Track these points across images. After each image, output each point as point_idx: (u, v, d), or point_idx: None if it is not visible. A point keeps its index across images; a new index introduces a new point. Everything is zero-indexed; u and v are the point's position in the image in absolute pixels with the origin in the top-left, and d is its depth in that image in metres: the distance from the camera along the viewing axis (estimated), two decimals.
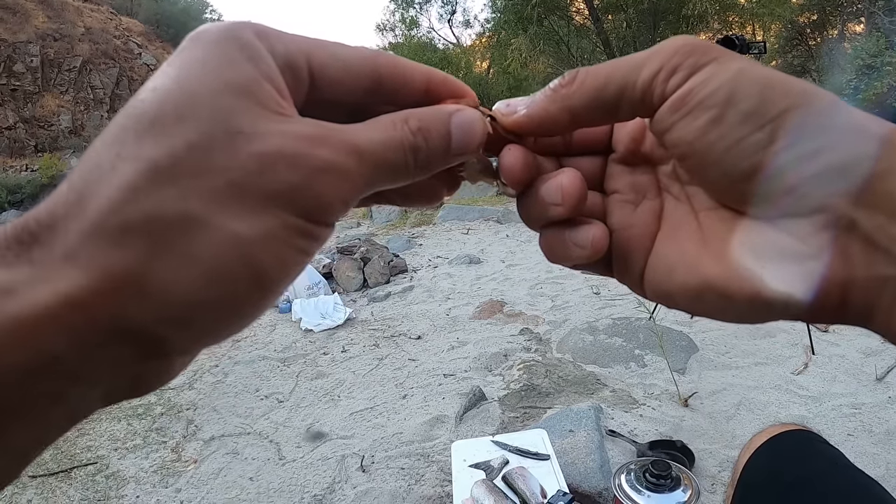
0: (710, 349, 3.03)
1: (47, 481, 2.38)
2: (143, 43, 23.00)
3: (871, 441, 2.15)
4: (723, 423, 2.34)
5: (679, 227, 0.29)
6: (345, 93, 0.26)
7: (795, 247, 0.24)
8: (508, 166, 0.29)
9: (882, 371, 2.62)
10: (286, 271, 0.22)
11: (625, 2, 14.70)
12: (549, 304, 4.08)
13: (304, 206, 0.22)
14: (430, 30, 21.77)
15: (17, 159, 17.94)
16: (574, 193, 0.28)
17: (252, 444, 2.56)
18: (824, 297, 0.24)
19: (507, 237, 6.80)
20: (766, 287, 0.24)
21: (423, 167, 0.26)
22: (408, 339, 3.67)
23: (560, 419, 2.25)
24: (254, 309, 0.22)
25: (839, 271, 0.23)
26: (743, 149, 0.24)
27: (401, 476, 2.17)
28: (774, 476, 0.88)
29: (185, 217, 0.19)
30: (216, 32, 0.23)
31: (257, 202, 0.21)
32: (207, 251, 0.20)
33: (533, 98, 0.29)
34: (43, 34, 19.35)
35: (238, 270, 0.20)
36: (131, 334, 0.19)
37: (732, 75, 0.24)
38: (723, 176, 0.25)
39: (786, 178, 0.23)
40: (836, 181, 0.23)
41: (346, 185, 0.23)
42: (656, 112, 0.26)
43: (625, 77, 0.26)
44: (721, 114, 0.24)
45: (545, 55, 15.71)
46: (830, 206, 0.23)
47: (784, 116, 0.23)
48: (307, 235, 0.22)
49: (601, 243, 0.29)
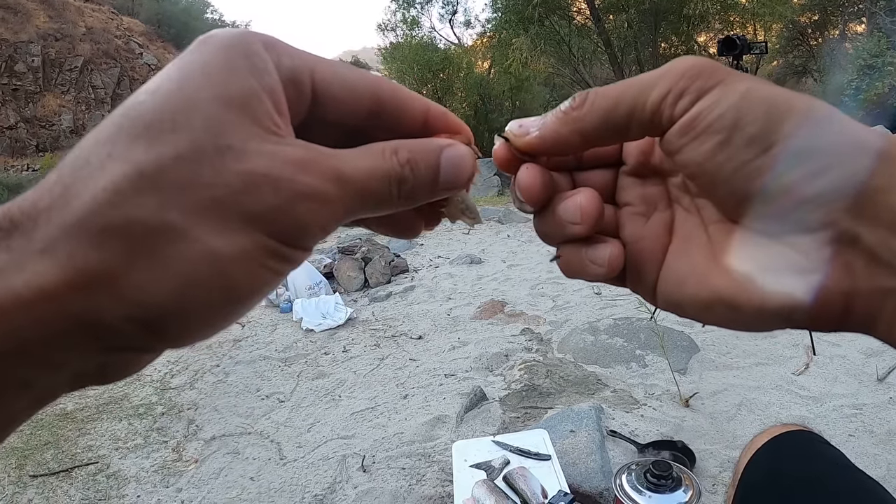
0: (712, 349, 3.03)
1: (48, 481, 2.38)
2: (144, 43, 23.00)
3: (872, 442, 2.15)
4: (724, 424, 2.34)
5: (689, 240, 0.30)
6: (345, 113, 0.26)
7: (800, 261, 0.25)
8: (526, 185, 0.30)
9: (883, 372, 2.62)
10: (257, 290, 0.23)
11: (626, 2, 14.71)
12: (551, 304, 4.08)
13: (281, 229, 0.22)
14: (432, 30, 21.75)
15: (19, 159, 17.95)
16: (592, 213, 0.29)
17: (253, 443, 2.56)
18: (828, 308, 0.25)
19: (508, 237, 6.80)
20: (771, 299, 0.25)
21: (407, 198, 0.27)
22: (409, 339, 3.67)
23: (561, 419, 2.25)
24: (221, 321, 0.23)
25: (842, 283, 0.24)
26: (749, 171, 0.25)
27: (402, 476, 2.17)
28: (775, 477, 0.88)
29: (165, 226, 0.20)
30: (225, 38, 0.23)
31: (237, 221, 0.21)
32: (183, 261, 0.20)
33: (545, 119, 0.30)
34: (44, 34, 19.35)
35: (210, 284, 0.21)
36: (101, 329, 0.20)
37: (738, 99, 0.25)
38: (731, 195, 0.26)
39: (789, 198, 0.24)
40: (837, 199, 0.23)
41: (326, 212, 0.23)
42: (665, 134, 0.27)
43: (634, 100, 0.27)
44: (728, 137, 0.25)
45: (546, 55, 15.73)
46: (832, 222, 0.24)
47: (786, 140, 0.24)
48: (281, 258, 0.23)
49: (617, 262, 0.30)
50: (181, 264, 0.20)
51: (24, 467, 2.48)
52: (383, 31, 21.24)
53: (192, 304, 0.21)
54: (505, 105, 18.90)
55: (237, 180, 0.21)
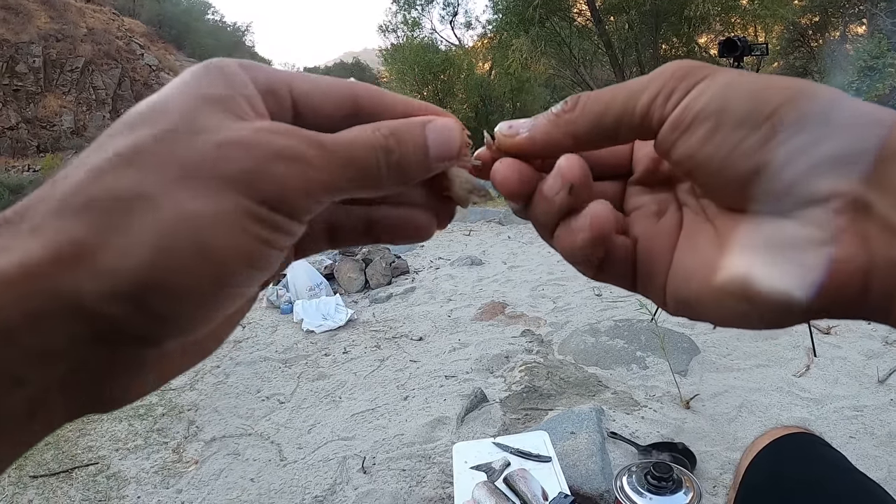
0: (712, 351, 3.03)
1: (48, 481, 2.39)
2: (145, 44, 23.05)
3: (872, 444, 2.15)
4: (724, 426, 2.33)
5: (697, 235, 0.29)
6: (326, 118, 0.27)
7: (813, 234, 0.24)
8: (501, 178, 0.30)
9: (884, 373, 2.62)
10: (241, 257, 0.22)
11: (627, 3, 14.71)
12: (551, 305, 4.08)
13: (261, 191, 0.22)
14: (433, 31, 21.78)
15: (20, 159, 17.99)
16: (574, 176, 0.28)
17: (253, 445, 2.56)
18: (846, 286, 0.23)
19: (508, 239, 6.80)
20: (786, 279, 0.24)
21: (397, 171, 0.27)
22: (409, 340, 3.67)
23: (561, 421, 2.25)
24: (211, 298, 0.22)
25: (859, 255, 0.23)
26: (743, 151, 0.24)
27: (402, 477, 2.17)
28: (776, 479, 0.88)
29: (141, 195, 0.20)
30: (206, 64, 0.25)
31: (212, 184, 0.21)
32: (157, 226, 0.20)
33: (535, 121, 0.30)
34: (45, 34, 19.40)
35: (185, 246, 0.20)
36: (84, 311, 0.19)
37: (722, 86, 0.25)
38: (729, 182, 0.26)
39: (790, 170, 0.24)
40: (844, 166, 0.23)
41: (307, 175, 0.23)
42: (657, 136, 0.27)
43: (624, 103, 0.27)
44: (717, 122, 0.25)
45: (547, 56, 15.72)
46: (841, 190, 0.23)
47: (779, 111, 0.24)
48: (266, 224, 0.22)
49: (600, 221, 0.28)
50: (156, 229, 0.20)
51: (24, 468, 2.48)
52: (384, 32, 21.27)
53: (171, 272, 0.20)
54: (506, 106, 18.94)
55: (210, 148, 0.22)
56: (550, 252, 0.32)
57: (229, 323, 0.28)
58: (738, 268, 0.25)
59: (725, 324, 0.27)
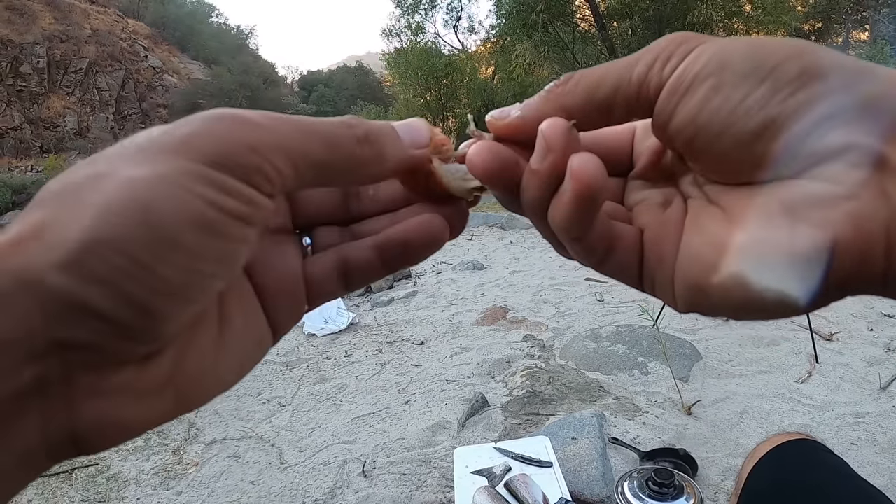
0: (714, 357, 3.02)
1: (48, 482, 2.38)
2: (149, 45, 23.13)
3: (874, 450, 2.14)
4: (726, 432, 2.33)
5: (703, 216, 0.28)
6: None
7: (831, 190, 0.22)
8: (479, 161, 0.29)
9: (886, 380, 2.61)
10: (187, 218, 0.21)
11: (630, 9, 14.75)
12: (553, 310, 4.08)
13: (202, 150, 0.22)
14: (436, 35, 21.88)
15: (23, 160, 18.05)
16: (557, 136, 0.26)
17: (253, 447, 2.56)
18: (870, 244, 0.22)
19: (510, 243, 6.79)
20: (805, 241, 0.22)
21: (372, 144, 0.27)
22: (411, 344, 3.67)
23: (563, 426, 2.24)
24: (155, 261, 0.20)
25: (880, 211, 0.22)
26: (749, 107, 0.23)
27: (402, 482, 2.16)
28: (778, 485, 0.88)
29: (93, 175, 0.21)
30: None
31: (157, 153, 0.22)
32: (102, 194, 0.20)
33: (527, 101, 0.29)
34: (50, 36, 19.49)
35: (125, 206, 0.20)
36: (42, 288, 0.19)
37: (720, 47, 0.25)
38: (735, 144, 0.24)
39: (803, 122, 0.23)
40: (859, 117, 0.22)
41: (254, 133, 0.23)
42: (655, 106, 0.26)
43: (620, 74, 0.27)
44: (719, 80, 0.24)
45: (550, 61, 15.74)
46: (857, 143, 0.22)
47: (784, 65, 0.23)
48: (216, 185, 0.22)
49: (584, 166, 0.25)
50: (100, 197, 0.20)
51: None
52: (388, 36, 21.34)
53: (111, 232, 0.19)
54: None
55: (158, 129, 0.23)
56: (552, 257, 0.31)
57: (237, 360, 0.27)
58: (755, 237, 0.24)
59: (741, 308, 0.24)
